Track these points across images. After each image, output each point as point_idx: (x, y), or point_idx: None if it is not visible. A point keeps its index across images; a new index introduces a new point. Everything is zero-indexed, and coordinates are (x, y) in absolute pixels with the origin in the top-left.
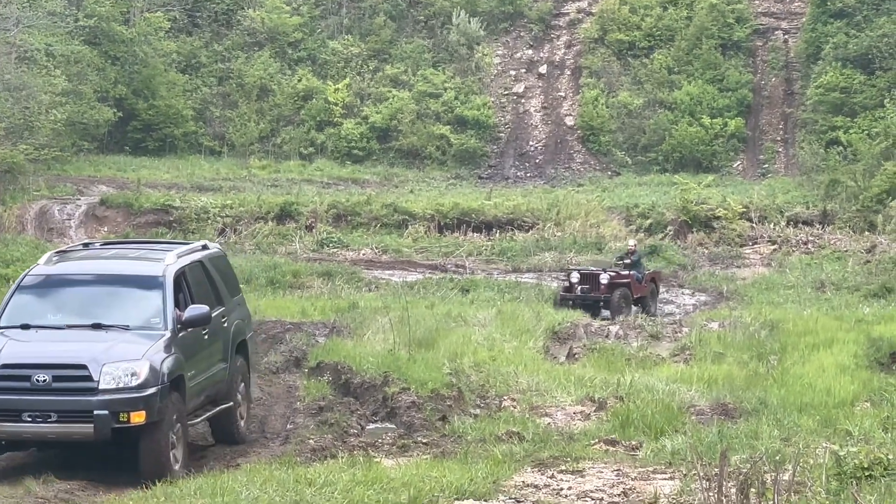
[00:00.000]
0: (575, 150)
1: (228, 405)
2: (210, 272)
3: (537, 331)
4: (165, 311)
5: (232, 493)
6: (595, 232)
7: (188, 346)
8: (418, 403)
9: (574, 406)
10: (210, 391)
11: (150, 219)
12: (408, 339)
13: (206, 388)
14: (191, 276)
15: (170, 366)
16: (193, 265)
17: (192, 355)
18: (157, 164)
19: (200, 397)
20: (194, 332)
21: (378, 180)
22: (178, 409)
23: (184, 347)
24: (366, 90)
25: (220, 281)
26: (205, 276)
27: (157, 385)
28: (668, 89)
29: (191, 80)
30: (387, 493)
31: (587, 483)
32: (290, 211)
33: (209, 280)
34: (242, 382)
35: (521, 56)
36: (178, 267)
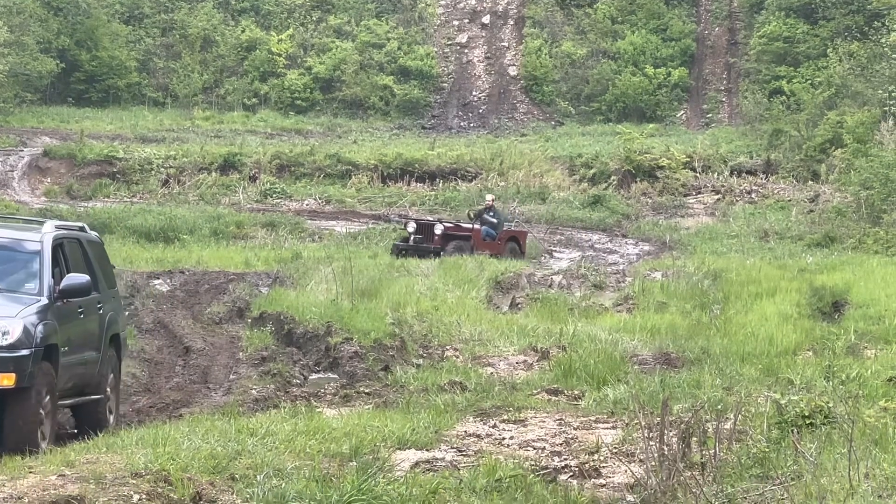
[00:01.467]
0: (518, 100)
1: (97, 398)
2: (88, 254)
3: (480, 280)
4: (42, 277)
5: (174, 443)
6: (539, 182)
7: (64, 318)
8: (361, 353)
9: (517, 356)
10: (79, 378)
11: (93, 170)
12: (351, 289)
13: (77, 372)
14: (69, 251)
15: (44, 331)
16: (72, 241)
17: (67, 330)
18: (101, 115)
19: (70, 381)
20: (71, 306)
21: (321, 131)
22: (49, 381)
23: (59, 318)
24: (309, 41)
25: (97, 267)
26: (82, 256)
27: (30, 348)
28: (611, 39)
29: (134, 30)
30: (329, 443)
31: (529, 432)
32: (233, 162)
33: (86, 262)
34: (112, 374)
35: (463, 6)
36: (56, 236)
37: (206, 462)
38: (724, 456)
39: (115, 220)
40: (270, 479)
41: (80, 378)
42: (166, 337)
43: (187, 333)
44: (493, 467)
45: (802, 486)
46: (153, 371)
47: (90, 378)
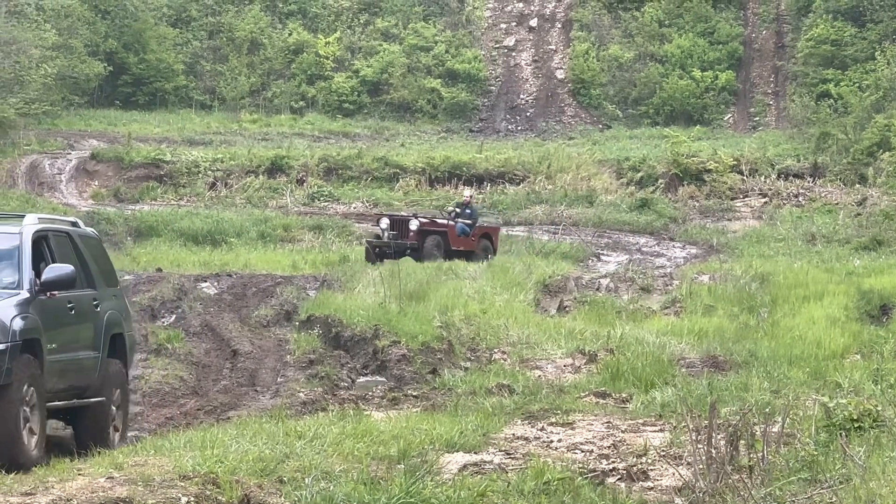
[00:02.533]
0: (566, 103)
1: (100, 400)
2: (80, 249)
3: (528, 283)
4: (21, 270)
5: (222, 446)
6: (586, 185)
7: (49, 313)
8: (409, 356)
9: (564, 359)
10: (75, 377)
11: (140, 173)
12: (398, 292)
13: (70, 371)
14: (55, 245)
15: (24, 325)
16: (59, 235)
17: (55, 326)
18: (148, 118)
19: (62, 380)
20: (58, 302)
21: (369, 134)
22: (32, 378)
23: (44, 314)
24: (356, 44)
25: (93, 263)
26: (73, 250)
27: (6, 342)
28: (658, 42)
29: (181, 33)
30: (377, 446)
31: (577, 435)
32: (280, 165)
33: (78, 257)
34: (118, 389)
35: (511, 9)
36: (37, 229)
37: (254, 465)
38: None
39: (162, 223)
40: (318, 481)
41: (76, 379)
42: (214, 340)
43: (235, 336)
44: (541, 470)
45: (851, 490)
46: (201, 374)
47: (89, 379)
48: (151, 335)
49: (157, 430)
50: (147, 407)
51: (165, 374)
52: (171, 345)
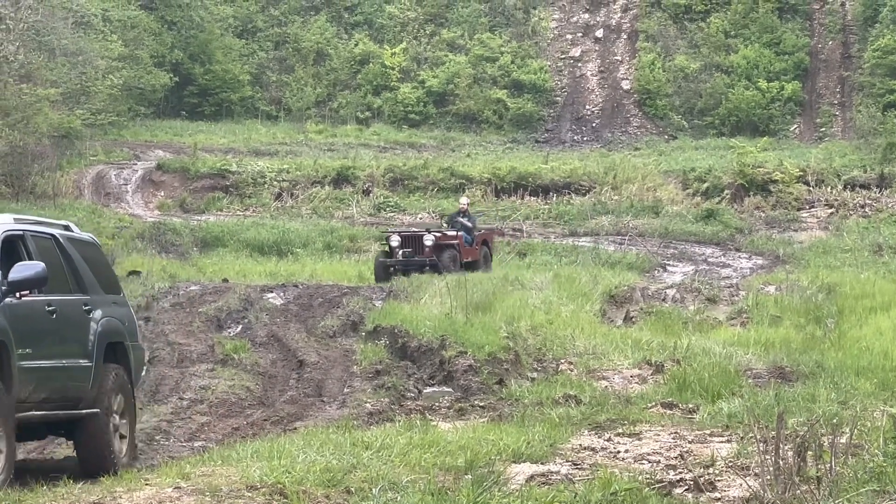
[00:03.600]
0: (631, 113)
1: (93, 412)
2: (69, 254)
3: (594, 294)
4: None
5: (289, 456)
6: (652, 195)
7: (20, 315)
8: (475, 367)
9: (631, 369)
10: (59, 386)
11: (206, 183)
12: (465, 302)
13: (52, 380)
14: (35, 247)
15: None
16: (41, 237)
17: (28, 330)
18: (214, 128)
19: (40, 389)
20: (33, 304)
21: (435, 144)
22: None
23: (13, 316)
24: (422, 54)
25: (86, 269)
26: (59, 255)
27: None
28: (724, 53)
29: (247, 44)
30: (444, 457)
31: (644, 446)
32: (346, 175)
33: (66, 261)
34: (120, 395)
35: (577, 20)
36: (8, 229)
37: (321, 475)
38: (840, 470)
39: (228, 233)
40: (386, 492)
41: (62, 389)
42: (280, 350)
43: (301, 347)
44: (609, 481)
45: None
46: (267, 384)
47: (80, 390)
48: (218, 345)
49: (224, 440)
50: (214, 417)
51: (232, 384)
52: (238, 355)
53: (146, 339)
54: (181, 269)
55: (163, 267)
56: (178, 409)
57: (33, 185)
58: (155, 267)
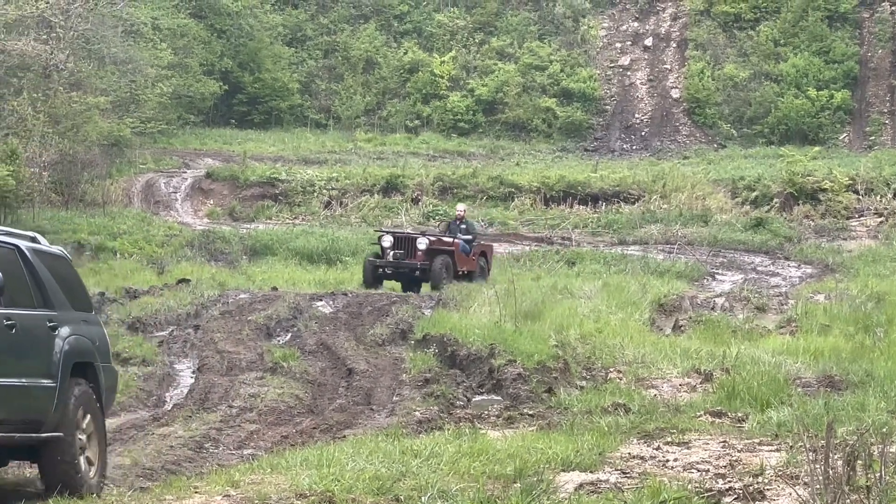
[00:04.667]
0: (681, 122)
1: (56, 436)
2: (34, 266)
3: (643, 303)
4: None
5: (338, 464)
6: (701, 204)
7: None
8: (524, 375)
9: (680, 378)
10: (18, 407)
11: (255, 192)
12: (514, 311)
13: (9, 401)
14: None
15: None
16: (2, 248)
17: None
18: (263, 137)
19: None
20: None
21: (484, 153)
22: None
23: None
24: (471, 63)
25: (53, 283)
26: (22, 267)
27: None
28: (773, 61)
29: (296, 53)
30: (493, 465)
31: (693, 455)
32: (395, 184)
33: (30, 274)
34: (88, 416)
35: (626, 28)
36: None
37: (370, 483)
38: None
39: (277, 241)
40: (435, 500)
41: (19, 410)
42: (329, 359)
43: (350, 355)
44: (658, 489)
45: None
46: (316, 392)
47: (41, 412)
48: (267, 354)
49: (274, 448)
50: (263, 425)
51: (281, 392)
52: (287, 363)
53: (195, 347)
54: (230, 277)
55: (212, 275)
56: (228, 417)
57: (83, 193)
58: (204, 275)
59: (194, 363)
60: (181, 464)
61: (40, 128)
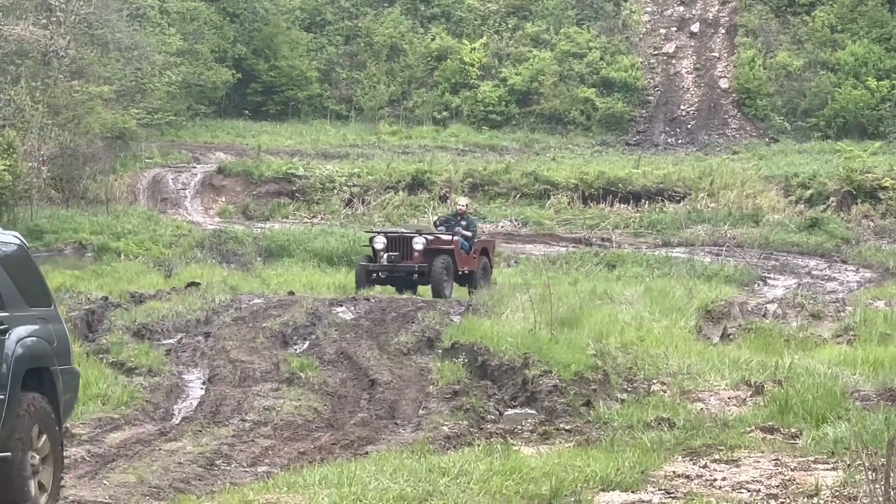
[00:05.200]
0: (729, 114)
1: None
2: None
3: (689, 309)
4: None
5: (360, 483)
6: (751, 203)
7: None
8: (561, 387)
9: (728, 390)
10: None
11: (271, 188)
12: (549, 318)
13: None
14: None
15: None
16: None
17: None
18: (279, 129)
19: None
20: None
21: (517, 147)
22: None
23: None
24: (504, 50)
25: (4, 277)
26: None
27: None
28: (830, 49)
29: (315, 38)
30: (527, 484)
31: (743, 473)
32: (422, 180)
33: None
34: (41, 431)
35: (671, 13)
36: None
37: None
38: None
39: (294, 242)
40: None
41: None
42: (350, 369)
43: (373, 365)
44: None
45: None
46: (336, 405)
47: None
48: (283, 363)
49: (290, 465)
50: (279, 440)
51: (298, 405)
52: (305, 373)
53: (206, 355)
54: (243, 280)
55: (224, 278)
56: (241, 432)
57: (85, 189)
58: (215, 278)
59: (204, 373)
60: (190, 482)
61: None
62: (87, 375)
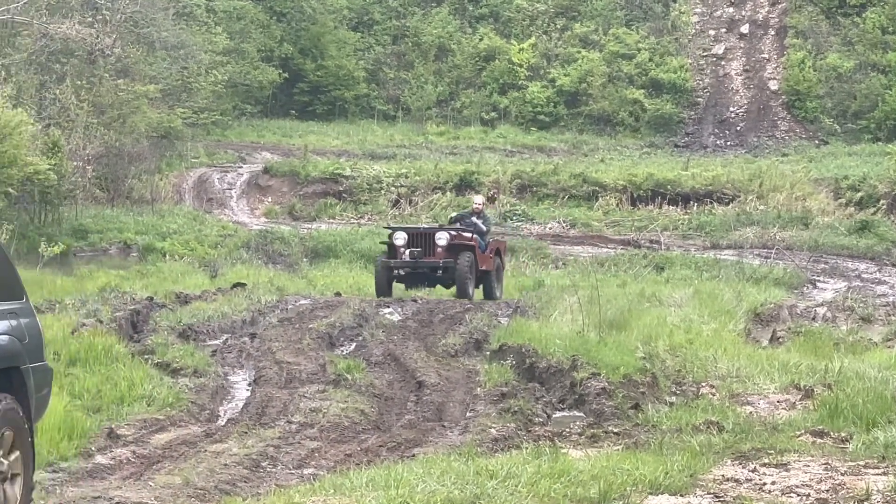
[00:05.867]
0: (779, 116)
1: None
2: None
3: (738, 312)
4: None
5: (407, 486)
6: (801, 205)
7: None
8: (609, 390)
9: (778, 394)
10: None
11: (317, 188)
12: (598, 320)
13: None
14: None
15: None
16: None
17: None
18: (326, 129)
19: None
20: None
21: (566, 148)
22: None
23: None
24: (553, 50)
25: None
26: None
27: None
28: (881, 51)
29: (363, 38)
30: (575, 487)
31: (792, 477)
32: (470, 181)
33: None
34: (9, 432)
35: (721, 14)
36: None
37: None
38: None
39: (340, 243)
40: None
41: None
42: (397, 370)
43: (420, 367)
44: None
45: None
46: (383, 407)
47: None
48: (329, 364)
49: (337, 467)
50: (325, 442)
51: (345, 407)
52: (351, 375)
53: (252, 357)
54: (290, 281)
55: (270, 279)
56: (287, 434)
57: (130, 188)
58: (261, 279)
59: (250, 374)
60: (236, 484)
61: (84, 118)
62: (132, 376)
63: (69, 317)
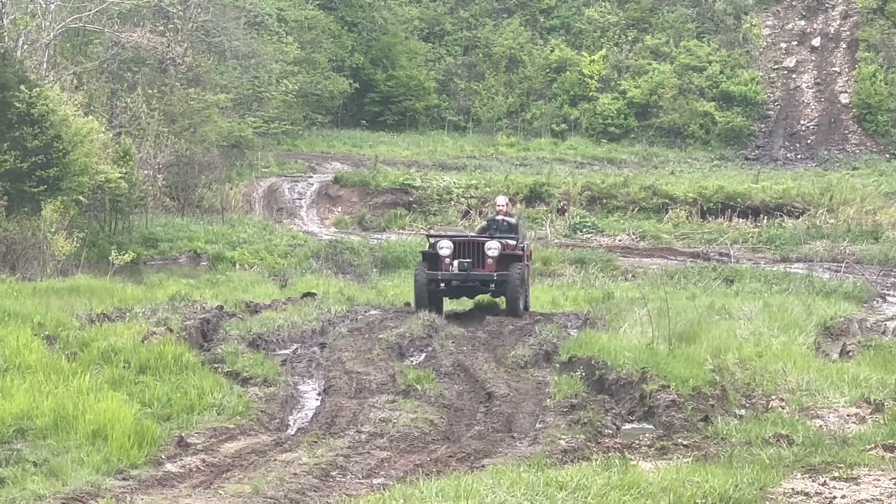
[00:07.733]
0: (850, 130)
1: None
2: None
3: (808, 325)
4: None
5: (477, 496)
6: (871, 219)
7: None
8: (678, 402)
9: (848, 407)
10: None
11: (387, 199)
12: (667, 332)
13: None
14: None
15: None
16: None
17: None
18: (397, 139)
19: None
20: None
21: (636, 160)
22: None
23: None
24: (624, 62)
25: None
26: None
27: None
28: None
29: (434, 48)
30: (644, 499)
31: (862, 491)
32: (540, 192)
33: None
34: None
35: (792, 27)
36: None
37: None
38: None
39: (410, 253)
40: None
41: None
42: (467, 381)
43: (489, 378)
44: None
45: None
46: (452, 418)
47: None
48: (399, 375)
49: (406, 477)
50: (394, 452)
51: (415, 417)
52: (421, 386)
53: (321, 366)
54: (359, 291)
55: (339, 289)
56: (356, 444)
57: (200, 198)
58: (331, 289)
59: (320, 384)
60: (306, 493)
61: (155, 126)
62: (202, 385)
63: (139, 325)
